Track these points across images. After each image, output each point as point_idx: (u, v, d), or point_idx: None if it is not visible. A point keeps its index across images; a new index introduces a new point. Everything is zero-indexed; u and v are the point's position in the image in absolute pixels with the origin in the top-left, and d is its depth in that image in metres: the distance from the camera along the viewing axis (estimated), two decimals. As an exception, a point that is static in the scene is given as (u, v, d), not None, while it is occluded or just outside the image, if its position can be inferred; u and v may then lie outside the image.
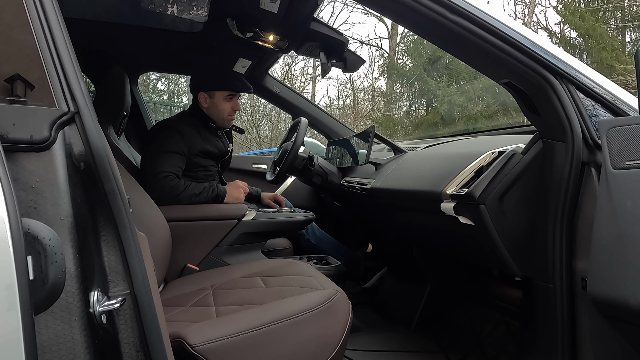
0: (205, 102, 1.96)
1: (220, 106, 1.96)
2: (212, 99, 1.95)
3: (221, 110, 1.96)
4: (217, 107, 1.96)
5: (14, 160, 0.59)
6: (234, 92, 1.98)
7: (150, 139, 1.89)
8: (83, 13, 1.92)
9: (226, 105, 1.96)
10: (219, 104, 1.96)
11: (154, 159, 1.78)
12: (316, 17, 1.84)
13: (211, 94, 1.95)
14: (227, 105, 1.97)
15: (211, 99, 1.95)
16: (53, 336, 0.57)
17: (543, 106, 1.02)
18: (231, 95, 1.97)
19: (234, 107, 1.99)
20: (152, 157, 1.80)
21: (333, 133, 2.67)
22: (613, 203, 0.82)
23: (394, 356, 1.61)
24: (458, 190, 1.14)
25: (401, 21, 1.11)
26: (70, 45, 0.67)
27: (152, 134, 1.92)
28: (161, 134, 1.85)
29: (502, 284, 1.55)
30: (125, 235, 0.65)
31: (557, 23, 10.69)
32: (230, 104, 1.97)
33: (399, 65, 11.91)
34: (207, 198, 1.79)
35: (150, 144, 1.86)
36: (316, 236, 2.25)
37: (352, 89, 13.28)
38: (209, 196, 1.80)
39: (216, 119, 1.98)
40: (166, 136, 1.82)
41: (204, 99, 1.96)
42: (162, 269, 1.41)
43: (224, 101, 1.96)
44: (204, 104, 1.96)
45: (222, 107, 1.96)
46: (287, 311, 1.04)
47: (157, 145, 1.81)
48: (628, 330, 0.82)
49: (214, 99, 1.95)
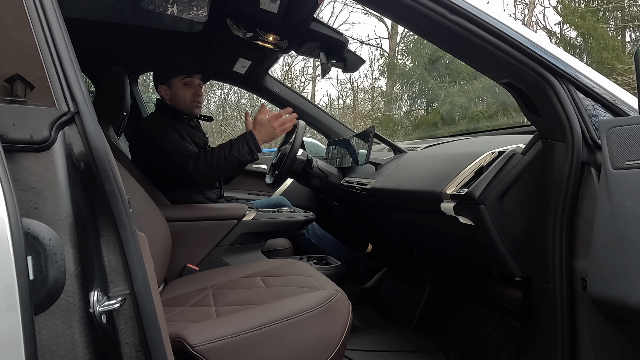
0: (166, 94, 1.93)
1: (180, 93, 1.91)
2: (171, 89, 1.92)
3: (182, 96, 1.91)
4: (178, 94, 1.91)
5: (14, 160, 0.59)
6: (189, 76, 1.92)
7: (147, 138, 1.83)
8: (83, 13, 1.92)
9: (186, 91, 1.91)
10: (179, 91, 1.91)
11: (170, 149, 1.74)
12: (316, 17, 1.85)
13: (169, 84, 1.91)
14: (187, 92, 1.92)
15: (170, 88, 1.92)
16: (53, 336, 0.57)
17: (543, 106, 1.02)
18: (188, 80, 1.91)
19: (195, 92, 1.93)
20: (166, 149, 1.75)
21: (333, 133, 2.67)
22: (613, 203, 0.82)
23: (394, 356, 1.61)
24: (458, 190, 1.14)
25: (401, 21, 1.11)
26: (70, 45, 0.67)
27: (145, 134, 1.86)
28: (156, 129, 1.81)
29: (502, 284, 1.55)
30: (125, 235, 0.65)
31: (557, 23, 10.69)
32: (190, 90, 1.92)
33: (399, 65, 11.91)
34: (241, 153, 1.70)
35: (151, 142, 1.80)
36: (317, 236, 2.25)
37: (352, 89, 13.28)
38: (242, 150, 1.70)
39: (183, 107, 1.92)
40: (161, 132, 1.79)
41: (164, 92, 1.92)
42: (162, 269, 1.41)
43: (183, 88, 1.91)
44: (166, 97, 1.93)
45: (182, 93, 1.91)
46: (287, 311, 1.04)
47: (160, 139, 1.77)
48: (628, 330, 0.82)
49: (172, 88, 1.91)
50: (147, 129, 1.85)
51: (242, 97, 12.16)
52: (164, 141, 1.77)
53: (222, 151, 1.71)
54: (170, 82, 1.91)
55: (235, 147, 1.71)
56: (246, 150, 1.71)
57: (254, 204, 2.21)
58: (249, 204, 2.10)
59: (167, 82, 1.91)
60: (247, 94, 11.62)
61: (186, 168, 1.70)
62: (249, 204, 2.10)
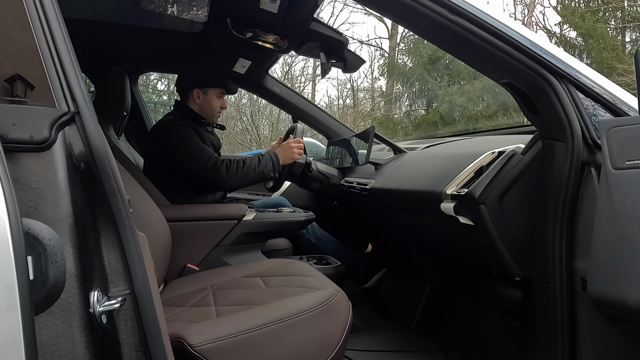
0: (198, 98, 1.98)
1: (213, 103, 2.00)
2: (206, 96, 1.99)
3: (213, 106, 2.01)
4: (210, 103, 2.00)
5: (14, 160, 0.59)
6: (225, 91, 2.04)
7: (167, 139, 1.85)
8: (83, 13, 1.92)
9: (217, 102, 2.02)
10: (212, 101, 2.00)
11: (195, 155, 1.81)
12: (316, 17, 1.84)
13: (205, 90, 1.98)
14: (218, 103, 2.02)
15: (204, 95, 1.99)
16: (53, 336, 0.57)
17: (543, 106, 1.02)
18: (222, 94, 2.03)
19: (222, 105, 2.05)
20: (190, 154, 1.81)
21: (333, 133, 2.67)
22: (613, 203, 0.82)
23: (394, 356, 1.61)
24: (458, 190, 1.14)
25: (401, 21, 1.11)
26: (70, 45, 0.67)
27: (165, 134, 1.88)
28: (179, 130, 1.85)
29: (502, 284, 1.55)
30: (125, 235, 0.65)
31: (557, 23, 10.69)
32: (220, 102, 2.03)
33: (399, 65, 11.90)
34: (267, 169, 1.86)
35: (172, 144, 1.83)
36: (317, 236, 2.25)
37: (352, 89, 13.27)
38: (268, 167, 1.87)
39: (206, 115, 2.01)
40: (184, 133, 1.85)
41: (197, 95, 1.98)
42: (162, 269, 1.41)
43: (216, 98, 2.01)
44: (197, 100, 1.99)
45: (214, 103, 2.01)
46: (287, 311, 1.04)
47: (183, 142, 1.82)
48: (628, 330, 0.82)
49: (207, 96, 1.99)
50: (169, 128, 1.89)
51: (242, 97, 12.17)
52: (185, 142, 1.82)
53: (252, 164, 1.87)
54: (207, 89, 1.99)
55: (264, 162, 1.88)
56: (270, 167, 1.89)
57: (253, 204, 2.21)
58: (249, 204, 2.10)
59: (204, 89, 1.98)
60: (247, 94, 11.62)
61: (218, 174, 1.80)
62: (249, 204, 2.10)
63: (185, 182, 1.87)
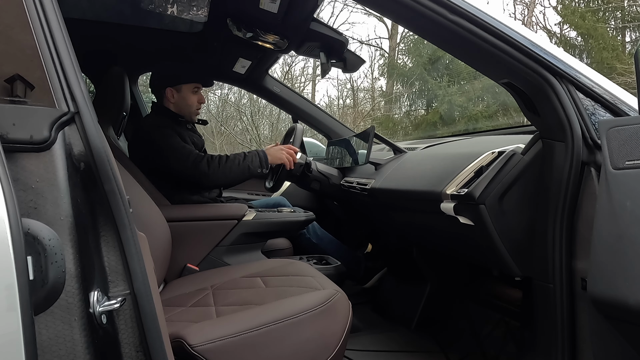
0: (172, 97, 1.95)
1: (189, 99, 1.96)
2: (180, 93, 1.95)
3: (190, 103, 1.96)
4: (186, 100, 1.96)
5: (14, 160, 0.59)
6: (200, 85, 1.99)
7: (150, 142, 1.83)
8: (83, 13, 1.92)
9: (193, 98, 1.97)
10: (187, 97, 1.96)
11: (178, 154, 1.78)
12: (316, 17, 1.85)
13: (178, 88, 1.94)
14: (194, 98, 1.98)
15: (178, 93, 1.95)
16: (53, 336, 0.57)
17: (543, 106, 1.02)
18: (197, 88, 1.98)
19: (199, 100, 2.00)
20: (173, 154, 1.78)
21: (333, 133, 2.67)
22: (613, 203, 0.82)
23: (394, 356, 1.61)
24: (458, 190, 1.14)
25: (401, 21, 1.11)
26: (70, 45, 0.67)
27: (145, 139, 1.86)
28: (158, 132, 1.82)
29: (502, 284, 1.55)
30: (125, 235, 0.65)
31: (557, 23, 10.69)
32: (196, 97, 1.99)
33: (399, 65, 11.90)
34: (253, 165, 1.82)
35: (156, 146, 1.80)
36: (317, 236, 2.25)
37: (352, 89, 13.27)
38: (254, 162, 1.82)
39: (184, 113, 1.97)
40: (164, 134, 1.81)
41: (171, 94, 1.95)
42: (162, 269, 1.41)
43: (191, 94, 1.96)
44: (171, 99, 1.95)
45: (190, 100, 1.96)
46: (287, 311, 1.04)
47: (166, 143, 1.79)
48: (628, 330, 0.82)
49: (181, 93, 1.95)
50: (149, 132, 1.86)
51: (242, 97, 12.16)
52: (168, 144, 1.79)
53: (236, 159, 1.82)
54: (180, 87, 1.94)
55: (249, 158, 1.83)
56: (257, 163, 1.84)
57: (253, 204, 2.21)
58: (249, 204, 2.10)
59: (176, 86, 1.94)
60: (247, 94, 11.61)
61: (199, 170, 1.76)
62: (249, 204, 2.10)
63: (173, 183, 1.84)
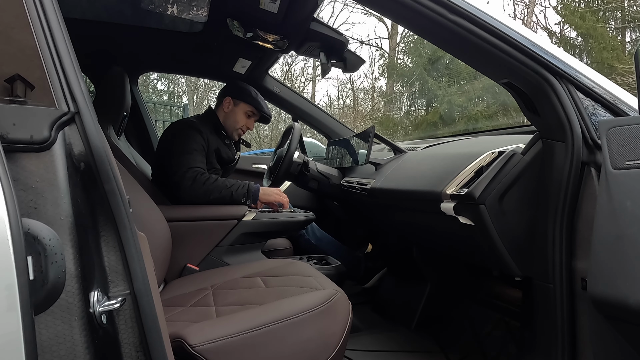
0: (227, 106, 2.01)
1: (239, 116, 2.02)
2: (235, 107, 2.01)
3: (238, 120, 2.02)
4: (236, 116, 2.02)
5: (14, 160, 0.59)
6: (256, 113, 2.05)
7: (170, 139, 1.88)
8: (83, 13, 1.92)
9: (243, 119, 2.03)
10: (238, 114, 2.02)
11: (183, 157, 1.80)
12: (316, 17, 1.85)
13: (237, 102, 2.01)
14: (244, 120, 2.04)
15: (234, 106, 2.01)
16: (53, 336, 0.57)
17: (543, 106, 1.02)
18: (251, 113, 2.04)
19: (248, 125, 2.06)
20: (178, 157, 1.80)
21: (333, 133, 2.67)
22: (613, 203, 0.82)
23: (394, 356, 1.61)
24: (458, 190, 1.14)
25: (401, 21, 1.11)
26: (70, 45, 0.67)
27: (171, 133, 1.92)
28: (183, 133, 1.87)
29: (502, 284, 1.55)
30: (125, 235, 0.65)
31: (557, 23, 10.70)
32: (246, 120, 2.04)
33: (399, 65, 11.91)
34: (237, 193, 1.81)
35: (171, 144, 1.85)
36: (316, 236, 2.25)
37: (352, 89, 13.29)
38: (240, 191, 1.81)
39: (228, 127, 2.03)
40: (189, 135, 1.85)
41: (227, 103, 2.01)
42: (162, 269, 1.41)
43: (243, 114, 2.03)
44: (225, 108, 2.01)
45: (240, 118, 2.02)
46: (287, 311, 1.04)
47: (180, 145, 1.83)
48: (628, 330, 0.82)
49: (236, 107, 2.01)
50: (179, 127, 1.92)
51: (242, 97, 12.13)
52: (184, 144, 1.82)
53: (223, 183, 1.79)
54: (239, 102, 2.01)
55: (236, 186, 1.81)
56: (243, 193, 1.81)
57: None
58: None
59: (236, 100, 2.01)
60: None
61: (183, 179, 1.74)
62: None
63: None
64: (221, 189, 1.78)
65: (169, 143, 1.88)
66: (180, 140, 1.84)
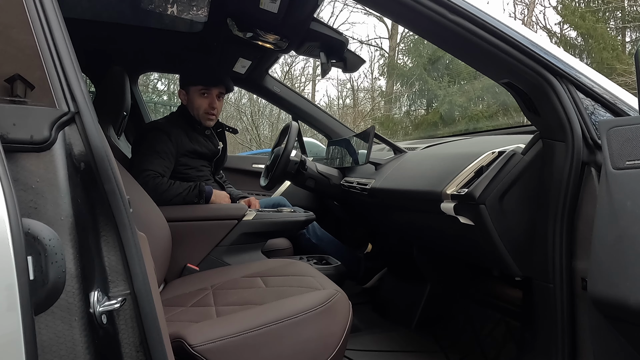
0: (184, 99, 1.94)
1: (195, 102, 1.90)
2: (189, 95, 1.92)
3: (196, 106, 1.90)
4: (193, 103, 1.91)
5: (14, 160, 0.59)
6: (206, 87, 1.90)
7: (140, 139, 1.88)
8: (83, 13, 1.92)
9: (201, 101, 1.89)
10: (194, 100, 1.90)
11: (142, 158, 1.77)
12: (316, 17, 1.85)
13: (187, 89, 1.92)
14: (202, 101, 1.89)
15: (187, 94, 1.92)
16: (53, 336, 0.57)
17: (543, 106, 1.02)
18: (204, 91, 1.89)
19: (210, 104, 1.90)
20: (140, 157, 1.79)
21: (333, 133, 2.67)
22: (613, 203, 0.82)
23: (394, 356, 1.61)
24: (458, 190, 1.14)
25: (401, 21, 1.11)
26: (70, 45, 0.67)
27: (142, 134, 1.91)
28: (150, 134, 1.84)
29: (502, 284, 1.55)
30: (125, 235, 0.65)
31: (557, 23, 10.70)
32: (206, 100, 1.89)
33: (399, 65, 11.91)
34: (189, 196, 1.76)
35: (139, 144, 1.85)
36: (317, 235, 2.25)
37: (352, 89, 13.29)
38: (191, 194, 1.77)
39: (196, 116, 1.92)
40: (155, 137, 1.81)
41: (183, 96, 1.94)
42: (162, 269, 1.41)
43: (199, 97, 1.89)
44: (184, 102, 1.94)
45: (197, 103, 1.90)
46: (287, 311, 1.04)
47: (146, 145, 1.80)
48: (628, 330, 0.82)
49: (189, 94, 1.91)
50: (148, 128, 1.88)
51: (242, 97, 12.17)
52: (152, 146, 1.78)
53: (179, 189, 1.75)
54: (188, 88, 1.91)
55: (187, 191, 1.76)
56: (195, 194, 1.77)
57: (254, 204, 2.21)
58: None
59: (185, 88, 1.92)
60: (247, 94, 11.63)
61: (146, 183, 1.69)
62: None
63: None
64: (174, 196, 1.73)
65: (135, 144, 1.87)
66: (147, 141, 1.81)
